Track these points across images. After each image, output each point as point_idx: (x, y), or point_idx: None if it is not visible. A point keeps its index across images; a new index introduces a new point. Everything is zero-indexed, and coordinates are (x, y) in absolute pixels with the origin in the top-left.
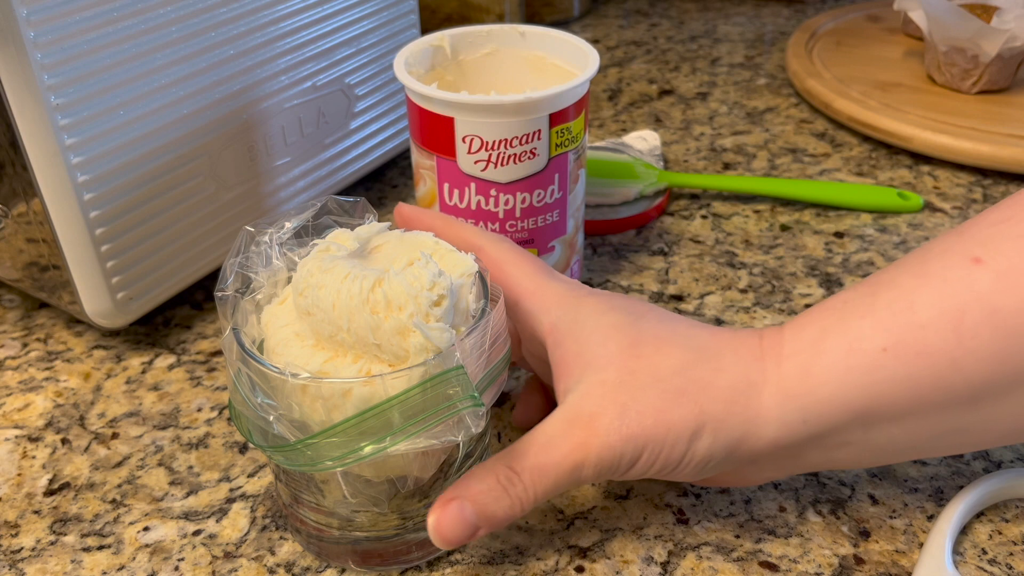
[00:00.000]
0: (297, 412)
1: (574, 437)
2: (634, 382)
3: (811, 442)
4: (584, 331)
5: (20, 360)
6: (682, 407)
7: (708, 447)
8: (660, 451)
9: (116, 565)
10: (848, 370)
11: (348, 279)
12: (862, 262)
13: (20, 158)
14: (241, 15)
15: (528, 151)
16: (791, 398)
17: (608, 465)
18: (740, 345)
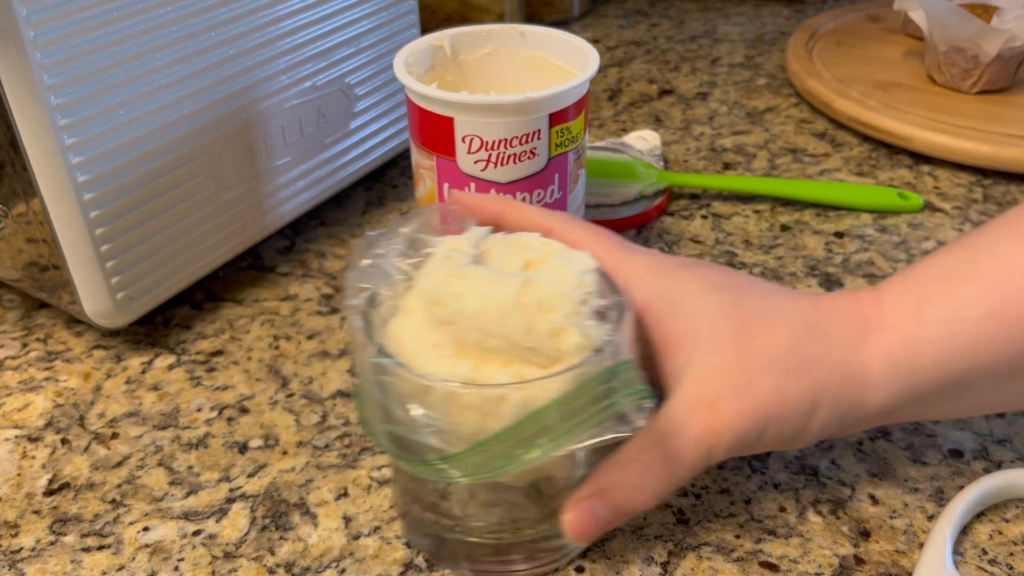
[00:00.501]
0: (445, 424)
1: (700, 422)
2: (751, 364)
3: (913, 404)
4: (687, 312)
5: (20, 360)
6: (800, 384)
7: (824, 419)
8: (783, 428)
9: (116, 565)
10: (951, 338)
11: (492, 284)
12: (862, 262)
13: (20, 158)
14: (241, 15)
15: (528, 151)
16: (898, 367)
17: (737, 446)
18: (843, 316)
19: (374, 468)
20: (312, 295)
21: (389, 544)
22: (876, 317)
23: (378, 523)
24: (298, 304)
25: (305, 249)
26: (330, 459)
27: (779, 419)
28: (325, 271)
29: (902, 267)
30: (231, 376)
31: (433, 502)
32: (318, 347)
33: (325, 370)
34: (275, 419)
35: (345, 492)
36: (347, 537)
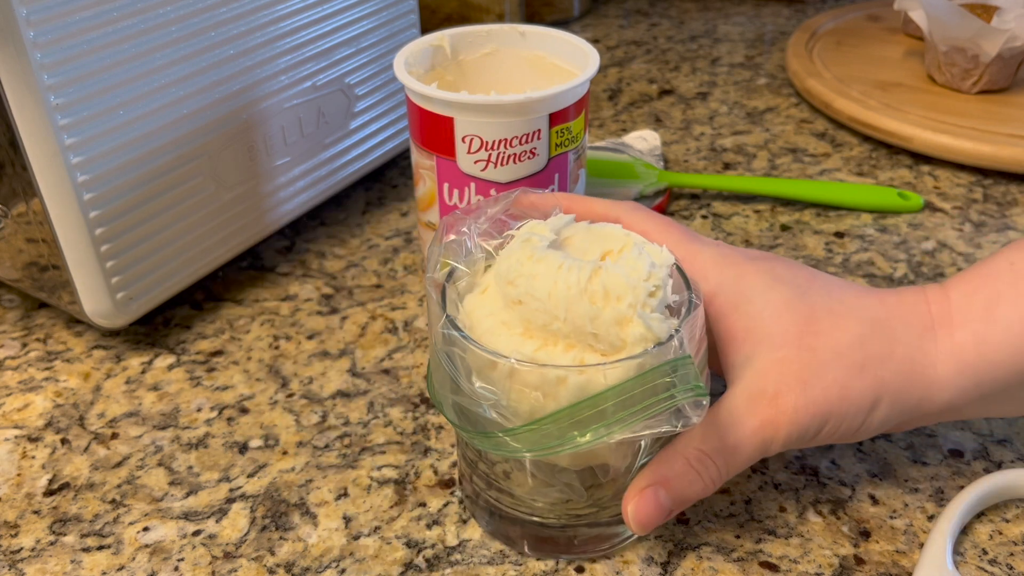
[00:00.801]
0: (504, 399)
1: (760, 414)
2: (814, 359)
3: (978, 401)
4: (753, 306)
5: (20, 360)
6: (862, 381)
7: (885, 416)
8: (841, 423)
9: (116, 565)
10: (1023, 336)
11: (564, 269)
12: (862, 262)
13: (20, 158)
14: (241, 15)
15: (528, 151)
16: (966, 366)
17: (795, 440)
18: (909, 313)
19: (374, 468)
20: (312, 295)
21: (389, 544)
22: (944, 315)
23: (378, 523)
24: (298, 304)
25: (305, 249)
26: (330, 459)
27: (839, 414)
28: (325, 271)
29: (902, 267)
30: (231, 376)
31: (495, 478)
32: (318, 347)
33: (325, 370)
34: (275, 419)
35: (345, 492)
36: (347, 537)
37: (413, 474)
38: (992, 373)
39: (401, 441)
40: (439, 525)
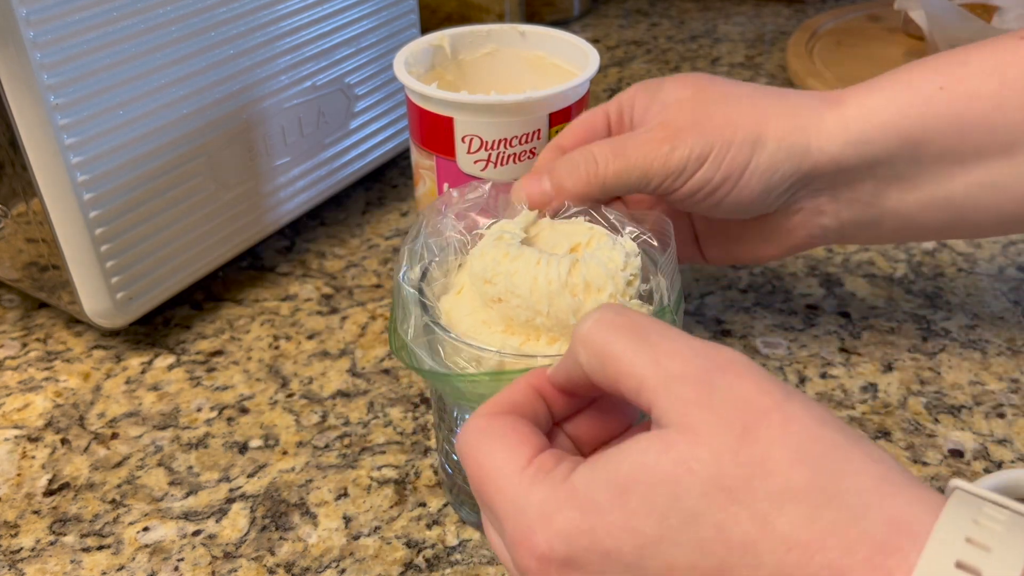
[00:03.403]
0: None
1: (653, 134)
2: (707, 98)
3: (866, 169)
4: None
5: (20, 360)
6: (749, 115)
7: (771, 156)
8: (726, 153)
9: (116, 565)
10: (906, 103)
11: (542, 264)
12: (862, 262)
13: (20, 158)
14: (241, 15)
15: (528, 151)
16: (852, 121)
17: (677, 160)
18: (805, 92)
19: (374, 468)
20: (312, 295)
21: (389, 544)
22: (834, 94)
23: (378, 523)
24: (298, 304)
25: (305, 249)
26: (330, 459)
27: (725, 141)
28: (325, 271)
29: (902, 267)
30: (231, 376)
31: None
32: (318, 347)
33: (325, 370)
34: (275, 419)
35: (345, 492)
36: (347, 537)
37: (413, 474)
38: (876, 132)
39: (401, 441)
40: (439, 525)
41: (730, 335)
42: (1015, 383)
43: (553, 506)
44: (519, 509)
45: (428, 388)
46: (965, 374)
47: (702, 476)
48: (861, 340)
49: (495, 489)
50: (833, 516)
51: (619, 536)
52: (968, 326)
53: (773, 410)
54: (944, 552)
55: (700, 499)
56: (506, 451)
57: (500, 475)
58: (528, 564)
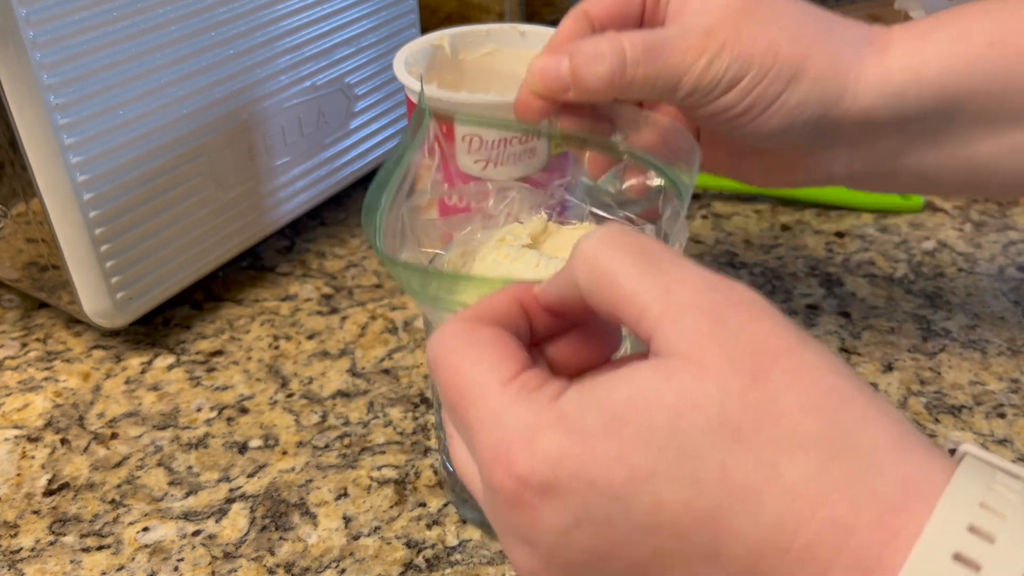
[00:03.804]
0: None
1: (689, 41)
2: (755, 14)
3: (895, 124)
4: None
5: (19, 360)
6: (793, 46)
7: (804, 95)
8: (761, 80)
9: (115, 565)
10: (953, 56)
11: (541, 267)
12: (863, 262)
13: (19, 158)
14: (240, 15)
15: (528, 150)
16: (894, 72)
17: (711, 77)
18: (853, 23)
19: (374, 468)
20: (312, 295)
21: (389, 544)
22: (883, 34)
23: (378, 523)
24: (298, 304)
25: (305, 249)
26: (330, 459)
27: (763, 69)
28: (325, 271)
29: (903, 267)
30: (231, 376)
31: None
32: (318, 347)
33: (325, 370)
34: (275, 419)
35: (345, 492)
36: (347, 537)
37: (413, 474)
38: (916, 88)
39: (401, 441)
40: (439, 525)
41: None
42: (1015, 383)
43: (538, 426)
44: (499, 423)
45: (429, 388)
46: (965, 374)
47: (707, 412)
48: (861, 340)
49: (471, 399)
50: (844, 469)
51: (608, 466)
52: (968, 326)
53: (787, 354)
54: (956, 515)
55: (702, 436)
56: (488, 362)
57: (480, 385)
58: (502, 483)
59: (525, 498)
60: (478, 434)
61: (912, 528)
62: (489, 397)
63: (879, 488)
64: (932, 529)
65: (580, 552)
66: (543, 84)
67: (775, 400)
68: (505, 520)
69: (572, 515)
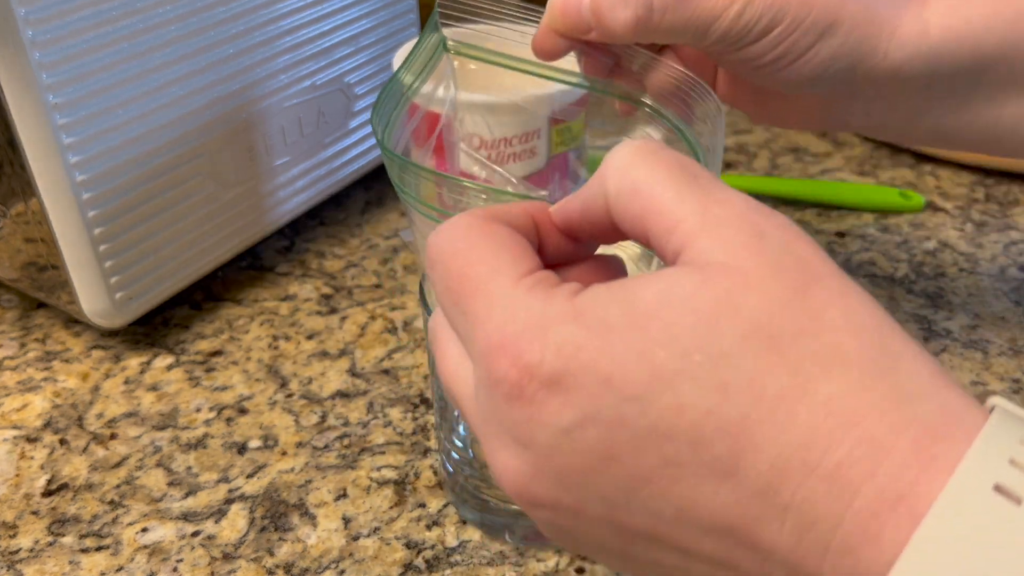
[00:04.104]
0: None
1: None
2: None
3: (923, 82)
4: None
5: (18, 360)
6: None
7: (836, 48)
8: (793, 31)
9: (115, 566)
10: (994, 15)
11: None
12: (864, 262)
13: (18, 157)
14: (240, 14)
15: (528, 150)
16: (931, 29)
17: (742, 25)
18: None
19: (373, 468)
20: (311, 295)
21: (388, 545)
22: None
23: (377, 524)
24: (297, 304)
25: (304, 249)
26: (329, 460)
27: (796, 19)
28: (324, 271)
29: (904, 267)
30: (230, 376)
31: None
32: (317, 347)
33: (324, 370)
34: (274, 419)
35: (344, 493)
36: (346, 538)
37: (413, 475)
38: (952, 46)
39: (401, 442)
40: (439, 526)
41: None
42: (1016, 383)
43: (554, 316)
44: (507, 312)
45: (429, 388)
46: (967, 374)
47: (745, 318)
48: None
49: (480, 287)
50: (883, 391)
51: (627, 361)
52: (969, 326)
53: (830, 276)
54: (998, 448)
55: (738, 342)
56: (505, 255)
57: (489, 275)
58: (505, 372)
59: (529, 390)
60: (483, 323)
61: (952, 456)
62: (498, 287)
63: (919, 413)
64: (973, 458)
65: (580, 455)
66: (563, 21)
67: (818, 315)
68: (500, 418)
69: (579, 411)
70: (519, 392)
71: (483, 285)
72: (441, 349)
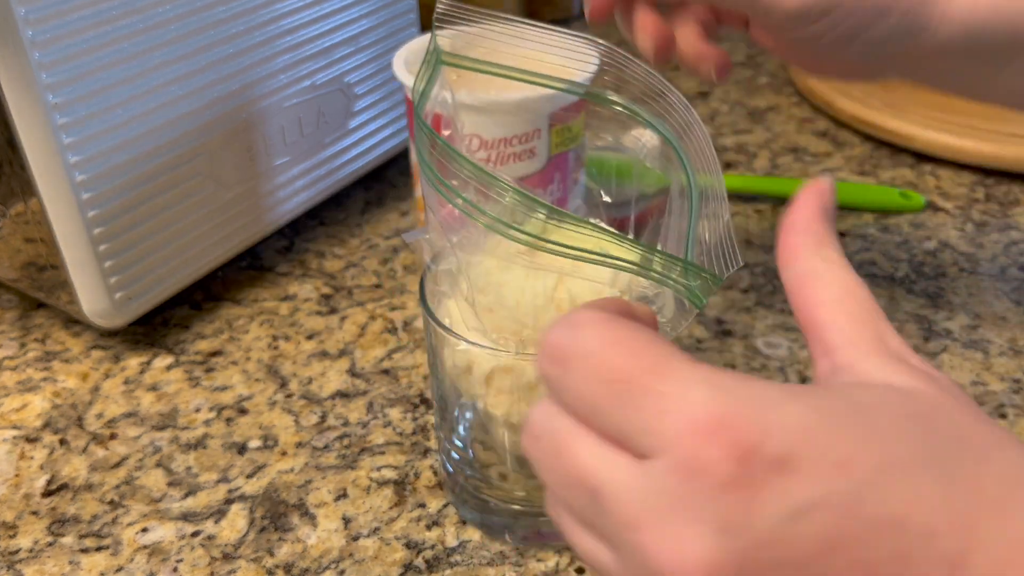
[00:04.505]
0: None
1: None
2: None
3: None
4: None
5: (18, 360)
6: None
7: (887, 31)
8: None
9: (114, 566)
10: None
11: (530, 277)
12: (864, 262)
13: (18, 157)
14: (240, 14)
15: (528, 150)
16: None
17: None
18: None
19: (373, 469)
20: (311, 295)
21: (388, 545)
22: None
23: (377, 524)
24: (297, 304)
25: (304, 249)
26: (329, 460)
27: (856, 3)
28: (324, 271)
29: (904, 267)
30: (230, 376)
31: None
32: (317, 347)
33: (324, 370)
34: (274, 420)
35: (344, 493)
36: (346, 538)
37: (413, 475)
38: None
39: (401, 442)
40: (439, 526)
41: (731, 335)
42: (1017, 383)
43: (768, 397)
44: (707, 392)
45: (429, 388)
46: (967, 374)
47: (957, 423)
48: None
49: (655, 370)
50: None
51: (860, 447)
52: (970, 326)
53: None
54: None
55: (955, 444)
56: (665, 341)
57: (669, 356)
58: (714, 456)
59: (752, 471)
60: (677, 404)
61: None
62: (688, 364)
63: None
64: None
65: (802, 544)
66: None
67: (1001, 434)
68: (699, 504)
69: (810, 495)
70: (739, 473)
71: (665, 366)
72: (567, 445)
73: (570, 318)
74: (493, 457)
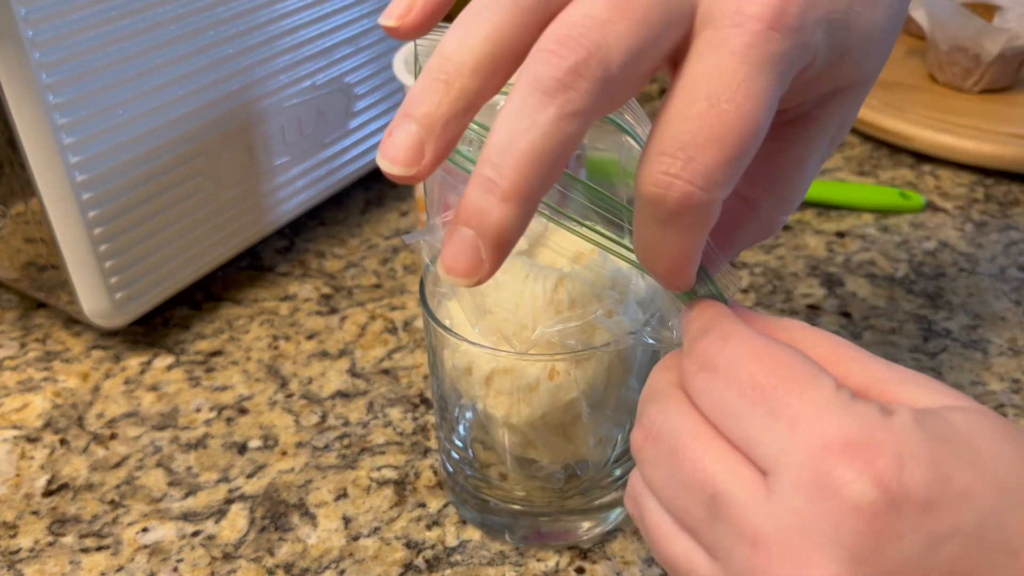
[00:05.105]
0: (481, 404)
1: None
2: None
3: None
4: None
5: (18, 360)
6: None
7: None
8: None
9: (115, 566)
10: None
11: (530, 279)
12: (864, 262)
13: (18, 157)
14: (240, 14)
15: None
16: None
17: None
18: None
19: (373, 469)
20: (311, 295)
21: (388, 545)
22: None
23: (378, 524)
24: (297, 304)
25: (304, 249)
26: (329, 460)
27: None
28: (324, 271)
29: (904, 267)
30: (230, 376)
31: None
32: (317, 347)
33: (324, 370)
34: (274, 419)
35: (344, 493)
36: (347, 538)
37: (413, 475)
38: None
39: (401, 442)
40: (439, 526)
41: None
42: (1016, 383)
43: (896, 424)
44: (844, 414)
45: (429, 388)
46: (966, 374)
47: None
48: (862, 340)
49: (796, 387)
50: None
51: (977, 475)
52: (969, 326)
53: None
54: None
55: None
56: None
57: (812, 376)
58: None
59: (889, 499)
60: (813, 423)
61: None
62: (829, 386)
63: None
64: None
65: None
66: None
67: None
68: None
69: (942, 529)
70: (875, 498)
71: (806, 385)
72: (690, 448)
73: (721, 330)
74: (493, 457)
